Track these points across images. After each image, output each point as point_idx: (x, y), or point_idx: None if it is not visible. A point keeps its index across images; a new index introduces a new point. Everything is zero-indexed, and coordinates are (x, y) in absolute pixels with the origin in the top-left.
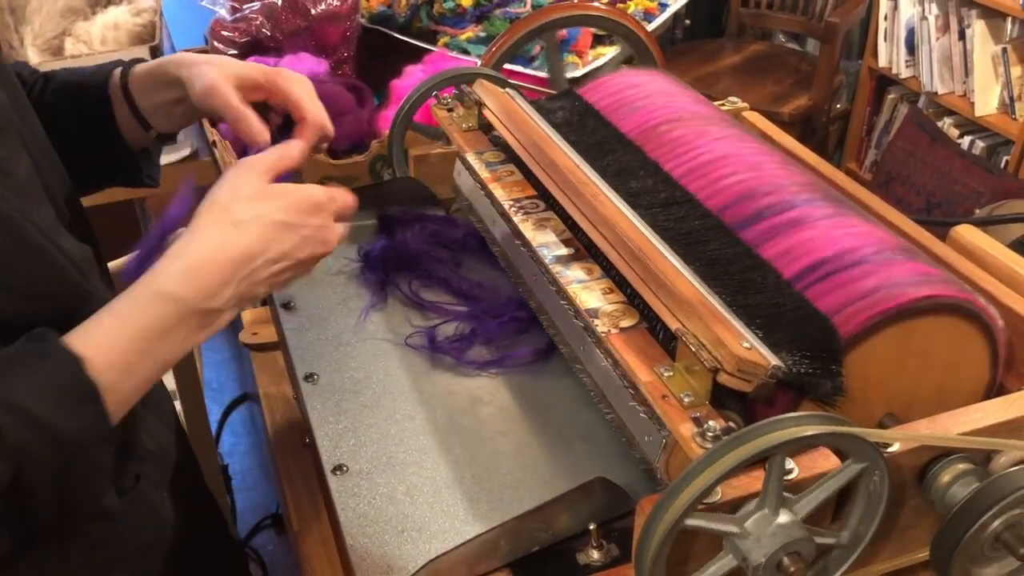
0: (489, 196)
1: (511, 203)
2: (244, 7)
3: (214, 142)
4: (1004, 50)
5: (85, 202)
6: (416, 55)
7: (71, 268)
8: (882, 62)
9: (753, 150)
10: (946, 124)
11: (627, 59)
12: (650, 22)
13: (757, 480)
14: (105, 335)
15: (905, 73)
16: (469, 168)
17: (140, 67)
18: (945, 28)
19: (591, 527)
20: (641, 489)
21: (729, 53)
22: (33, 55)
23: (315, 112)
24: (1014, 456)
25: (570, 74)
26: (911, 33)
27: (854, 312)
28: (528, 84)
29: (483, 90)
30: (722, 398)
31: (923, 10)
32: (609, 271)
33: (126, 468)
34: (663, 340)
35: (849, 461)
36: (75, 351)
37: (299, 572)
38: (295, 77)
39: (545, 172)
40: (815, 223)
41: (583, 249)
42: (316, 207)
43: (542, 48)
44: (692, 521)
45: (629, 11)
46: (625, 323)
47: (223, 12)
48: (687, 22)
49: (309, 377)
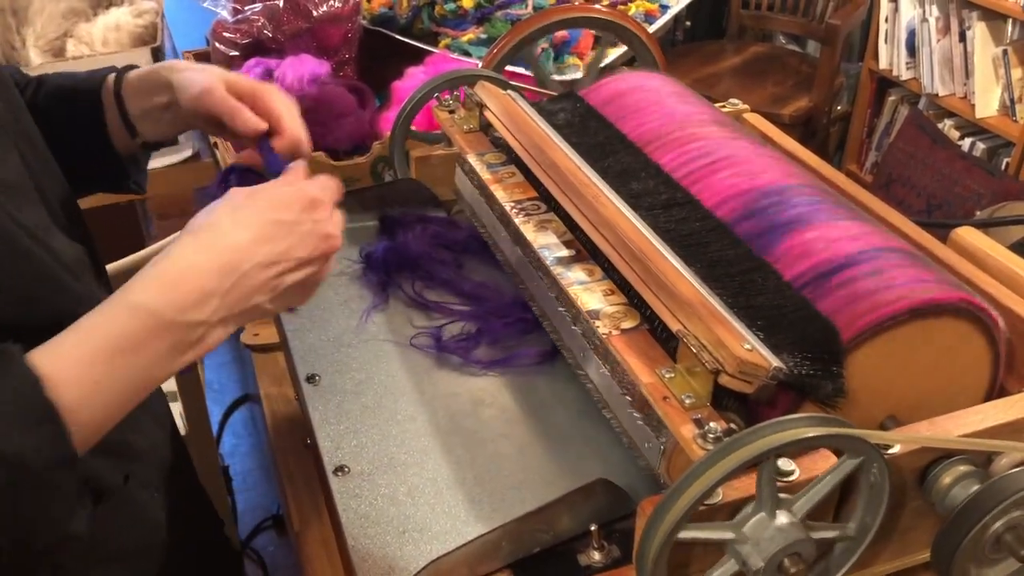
0: (490, 198)
1: (512, 205)
2: (246, 8)
3: (215, 143)
4: (1005, 52)
5: (86, 203)
6: (417, 57)
7: (60, 269)
8: (883, 64)
9: (754, 152)
10: (947, 126)
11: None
12: (651, 24)
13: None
14: (71, 350)
15: (906, 75)
16: (470, 170)
17: (133, 72)
18: (946, 30)
19: (592, 528)
20: (642, 490)
21: (730, 55)
22: (35, 56)
23: (293, 127)
24: (1015, 458)
25: (571, 76)
26: (912, 35)
27: (855, 314)
28: (529, 86)
29: (484, 92)
30: (723, 400)
31: (924, 12)
32: (610, 273)
33: (114, 467)
34: (664, 342)
35: (844, 457)
36: (35, 369)
37: (300, 573)
38: (279, 93)
39: (546, 174)
40: (816, 225)
41: (584, 251)
42: (311, 202)
43: (543, 49)
44: (687, 534)
45: (630, 13)
46: (626, 325)
47: (224, 13)
48: (688, 24)
49: (311, 378)
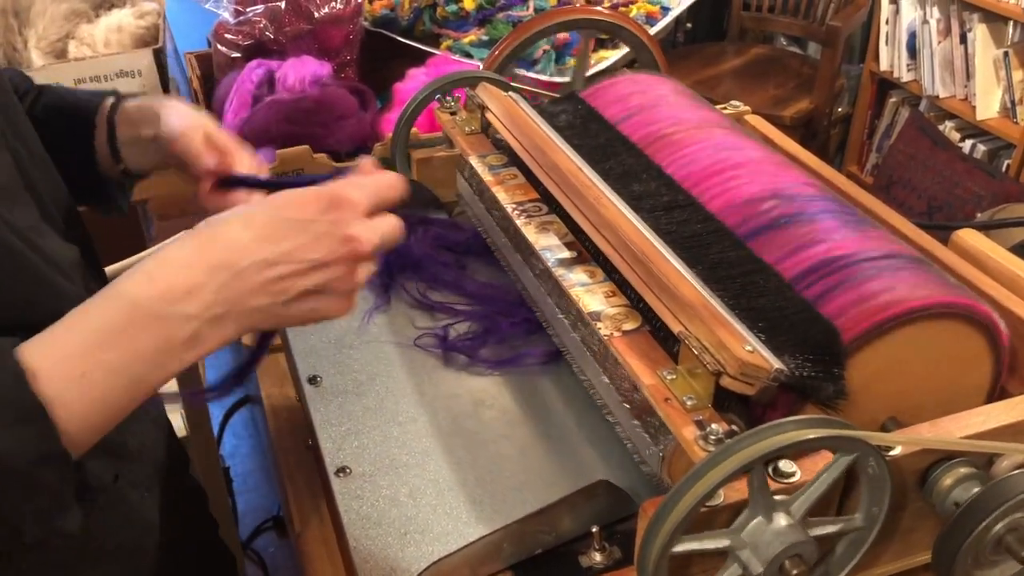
0: (492, 199)
1: (514, 206)
2: (247, 10)
3: None
4: (1005, 54)
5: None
6: (419, 58)
7: (51, 270)
8: (883, 66)
9: (755, 154)
10: (947, 128)
11: (629, 63)
12: (652, 26)
13: None
14: (57, 342)
15: (906, 77)
16: (472, 171)
17: (132, 101)
18: (946, 32)
19: (594, 529)
20: (644, 492)
21: (731, 57)
22: (37, 58)
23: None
24: (1016, 460)
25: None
26: (912, 37)
27: (856, 316)
28: (531, 87)
29: (486, 93)
30: (724, 401)
31: (924, 14)
32: (612, 274)
33: (104, 466)
34: (666, 343)
35: (838, 455)
36: (23, 363)
37: (301, 574)
38: (250, 157)
39: (548, 175)
40: (817, 227)
41: (586, 252)
42: (334, 200)
43: (544, 51)
44: (683, 547)
45: (631, 15)
46: (628, 326)
47: (226, 15)
48: (688, 25)
49: (312, 379)
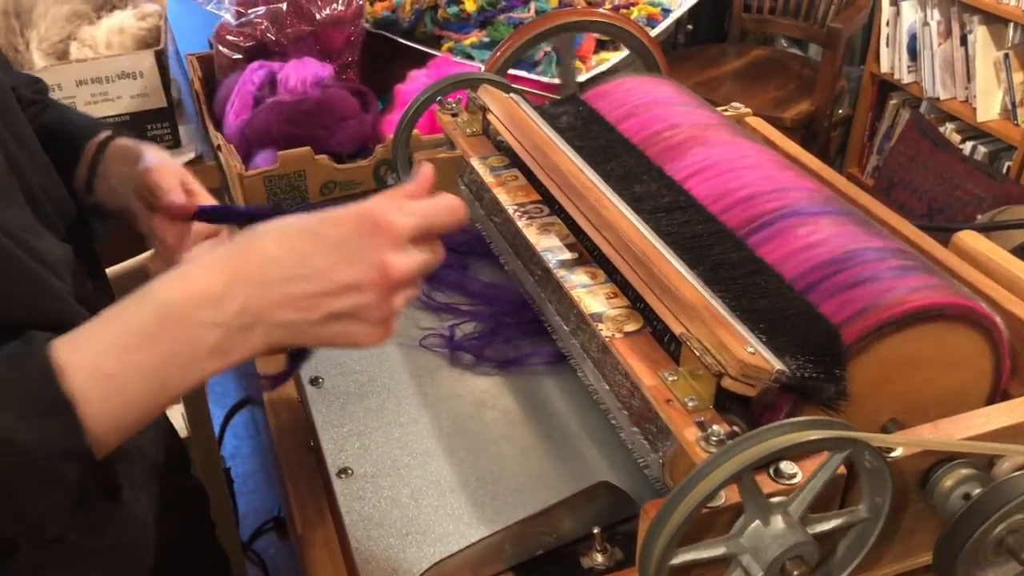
0: (493, 201)
1: (515, 208)
2: (249, 11)
3: (219, 146)
4: (1006, 56)
5: None
6: (420, 60)
7: (41, 268)
8: (884, 67)
9: (756, 155)
10: (948, 129)
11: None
12: (653, 27)
13: (762, 484)
14: (87, 340)
15: (907, 78)
16: (473, 173)
17: (123, 139)
18: (947, 34)
19: (595, 531)
20: (645, 493)
21: (731, 58)
22: (38, 59)
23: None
24: (1017, 461)
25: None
26: (913, 39)
27: (858, 318)
28: (532, 89)
29: (487, 95)
30: (726, 402)
31: (925, 16)
32: (613, 276)
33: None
34: (667, 345)
35: (831, 454)
36: (54, 358)
37: (302, 575)
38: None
39: (549, 177)
40: (818, 228)
41: (587, 254)
42: (373, 223)
43: (545, 53)
44: (681, 558)
45: (632, 16)
46: (629, 327)
47: (228, 16)
48: (689, 27)
49: (314, 381)
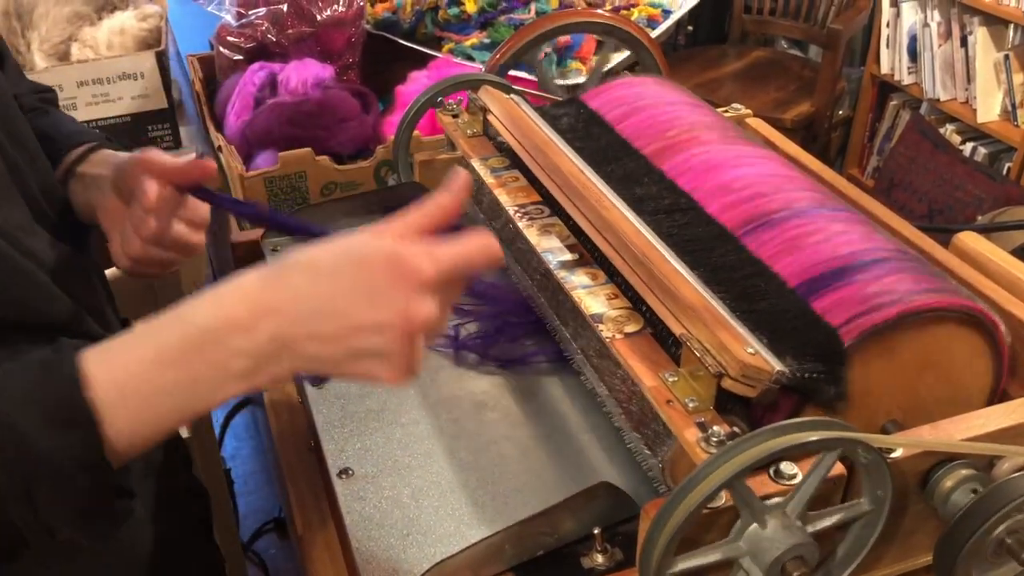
0: (494, 202)
1: (516, 208)
2: (250, 13)
3: (220, 147)
4: (1006, 57)
5: None
6: (421, 61)
7: (35, 267)
8: (884, 69)
9: (756, 156)
10: (948, 131)
11: (631, 66)
12: (653, 28)
13: (762, 485)
14: (119, 354)
15: (907, 80)
16: (474, 174)
17: (113, 149)
18: (947, 35)
19: (596, 531)
20: (645, 493)
21: (732, 59)
22: (40, 60)
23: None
24: (1017, 462)
25: (573, 80)
26: (913, 40)
27: (858, 319)
28: (532, 90)
29: (488, 96)
30: (726, 403)
31: (925, 17)
32: (614, 277)
33: None
34: (668, 346)
35: (822, 453)
36: (82, 370)
37: None
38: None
39: (550, 178)
40: (819, 229)
41: (588, 255)
42: (397, 267)
43: (546, 54)
44: (679, 567)
45: (632, 18)
46: (630, 328)
47: (229, 18)
48: (690, 28)
49: (315, 381)
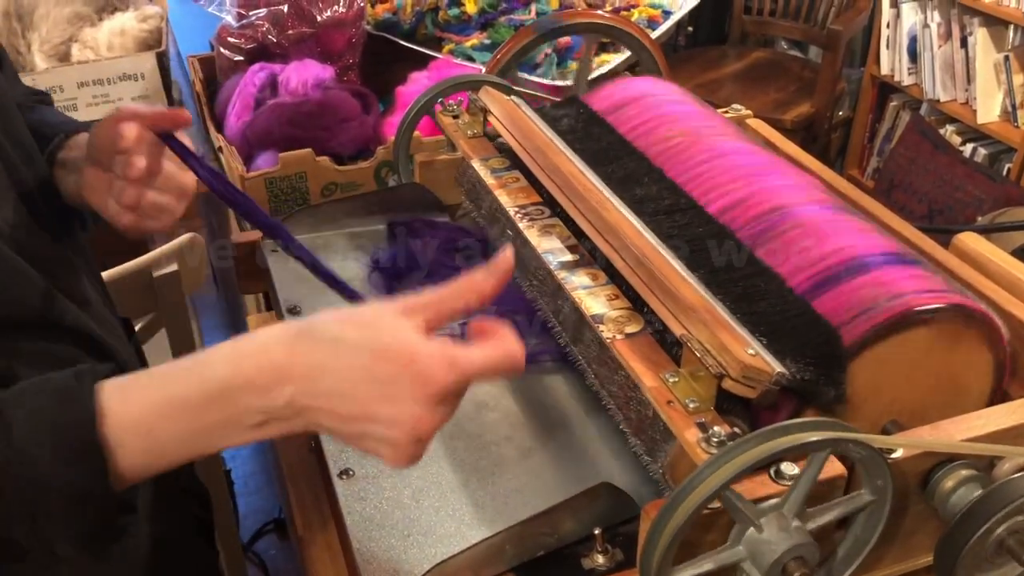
0: (494, 203)
1: (516, 209)
2: (250, 13)
3: (220, 148)
4: (1006, 58)
5: None
6: (421, 62)
7: (30, 266)
8: (884, 70)
9: (756, 157)
10: (948, 131)
11: (631, 66)
12: (653, 29)
13: (762, 485)
14: (137, 394)
15: (907, 81)
16: (474, 174)
17: (87, 132)
18: (947, 36)
19: (596, 532)
20: (646, 494)
21: (732, 60)
22: (40, 61)
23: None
24: (1017, 462)
25: (573, 81)
26: (913, 41)
27: (858, 320)
28: (533, 91)
29: (488, 97)
30: (726, 404)
31: (925, 18)
32: (614, 277)
33: None
34: (668, 346)
35: (809, 456)
36: (99, 402)
37: None
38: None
39: (550, 179)
40: (819, 230)
41: (588, 255)
42: (416, 371)
43: (546, 55)
44: None
45: (633, 19)
46: (630, 329)
47: (229, 18)
48: (690, 29)
49: None
